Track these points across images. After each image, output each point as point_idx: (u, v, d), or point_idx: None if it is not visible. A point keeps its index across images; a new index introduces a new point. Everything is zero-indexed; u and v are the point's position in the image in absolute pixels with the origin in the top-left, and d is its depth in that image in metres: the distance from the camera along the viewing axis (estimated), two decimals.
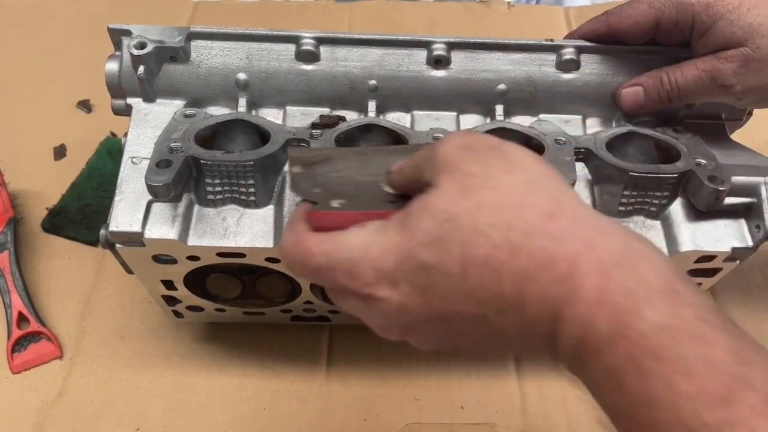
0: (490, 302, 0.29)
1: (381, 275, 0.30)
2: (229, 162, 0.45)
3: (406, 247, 0.30)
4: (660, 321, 0.26)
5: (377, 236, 0.31)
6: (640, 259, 0.28)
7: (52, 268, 0.69)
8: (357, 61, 0.51)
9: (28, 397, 0.60)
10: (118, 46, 0.51)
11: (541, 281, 0.28)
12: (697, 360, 0.25)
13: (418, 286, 0.30)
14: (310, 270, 0.33)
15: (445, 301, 0.30)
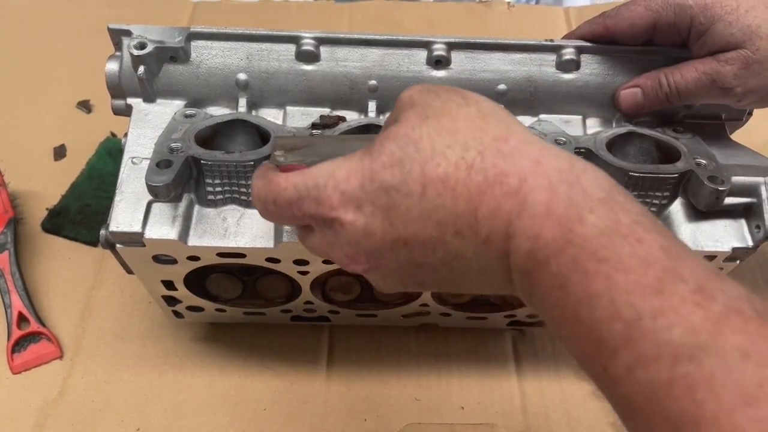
0: (447, 222, 0.31)
1: (346, 198, 0.32)
2: (229, 162, 0.45)
3: (369, 169, 0.32)
4: (600, 225, 0.28)
5: (342, 164, 0.33)
6: (582, 174, 0.30)
7: (52, 268, 0.69)
8: (357, 62, 0.51)
9: (28, 397, 0.60)
10: (118, 47, 0.51)
11: (493, 195, 0.30)
12: (633, 257, 0.27)
13: (381, 207, 0.32)
14: (281, 206, 0.35)
15: (406, 222, 0.32)
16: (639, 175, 0.46)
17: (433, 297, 0.56)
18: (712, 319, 0.25)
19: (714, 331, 0.24)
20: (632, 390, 0.26)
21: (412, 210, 0.31)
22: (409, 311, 0.60)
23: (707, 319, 0.25)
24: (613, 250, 0.27)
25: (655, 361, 0.25)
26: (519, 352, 0.64)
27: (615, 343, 0.26)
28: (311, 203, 0.33)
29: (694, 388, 0.24)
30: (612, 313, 0.26)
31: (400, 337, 0.65)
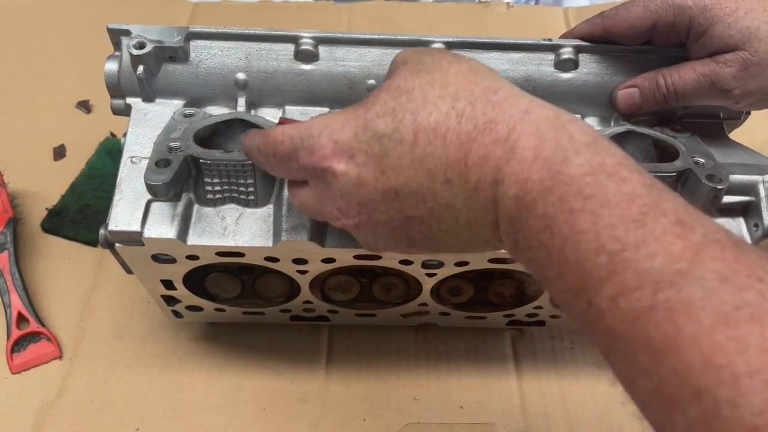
0: (437, 170, 0.32)
1: (339, 147, 0.33)
2: (228, 161, 0.45)
3: (363, 118, 0.33)
4: (586, 166, 0.29)
5: (337, 116, 0.34)
6: (568, 123, 0.31)
7: (51, 268, 0.69)
8: (356, 61, 0.51)
9: (27, 397, 0.61)
10: (118, 46, 0.51)
11: (483, 142, 0.31)
12: (617, 194, 0.28)
13: (373, 156, 0.33)
14: (280, 158, 0.36)
15: (397, 171, 0.32)
16: None
17: (432, 296, 0.56)
18: (691, 248, 0.26)
19: (693, 259, 0.25)
20: (616, 319, 0.26)
21: (404, 158, 0.32)
22: (408, 311, 0.60)
23: (687, 248, 0.26)
24: (598, 188, 0.28)
25: (637, 289, 0.26)
26: (518, 352, 0.64)
27: (599, 276, 0.27)
28: (305, 154, 0.34)
29: (675, 313, 0.24)
30: (597, 247, 0.27)
31: (399, 336, 0.65)
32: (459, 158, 0.31)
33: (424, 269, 0.51)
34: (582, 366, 0.64)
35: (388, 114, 0.32)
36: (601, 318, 0.27)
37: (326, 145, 0.33)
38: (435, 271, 0.51)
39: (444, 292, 0.57)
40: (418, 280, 0.53)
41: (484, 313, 0.60)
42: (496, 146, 0.31)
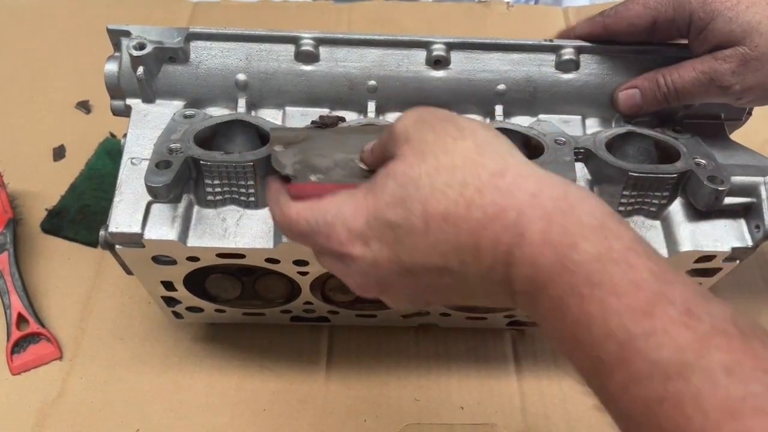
0: (450, 253, 0.32)
1: (353, 235, 0.34)
2: (228, 163, 0.45)
3: (373, 209, 0.34)
4: (593, 252, 0.29)
5: (348, 201, 0.35)
6: (577, 203, 0.31)
7: (51, 269, 0.69)
8: (356, 62, 0.51)
9: (27, 398, 0.60)
10: (118, 47, 0.51)
11: (494, 230, 0.31)
12: (624, 281, 0.28)
13: (387, 242, 0.33)
14: (296, 235, 0.38)
15: (411, 255, 0.33)
16: (638, 175, 0.46)
17: None
18: (698, 339, 0.26)
19: (700, 350, 0.26)
20: (629, 406, 0.28)
21: (417, 244, 0.33)
22: (408, 311, 0.60)
23: (694, 339, 0.26)
24: (606, 275, 0.29)
25: (647, 379, 0.27)
26: (518, 352, 0.64)
27: (610, 362, 0.28)
28: (322, 238, 0.35)
29: (683, 404, 0.25)
30: (606, 334, 0.28)
31: (399, 337, 0.65)
32: (471, 243, 0.32)
33: None
34: None
35: (398, 204, 0.33)
36: (616, 401, 0.28)
37: (341, 233, 0.34)
38: None
39: None
40: None
41: (484, 313, 0.60)
42: (505, 231, 0.31)
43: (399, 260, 0.34)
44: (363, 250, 0.34)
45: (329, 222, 0.35)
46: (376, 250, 0.34)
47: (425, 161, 0.33)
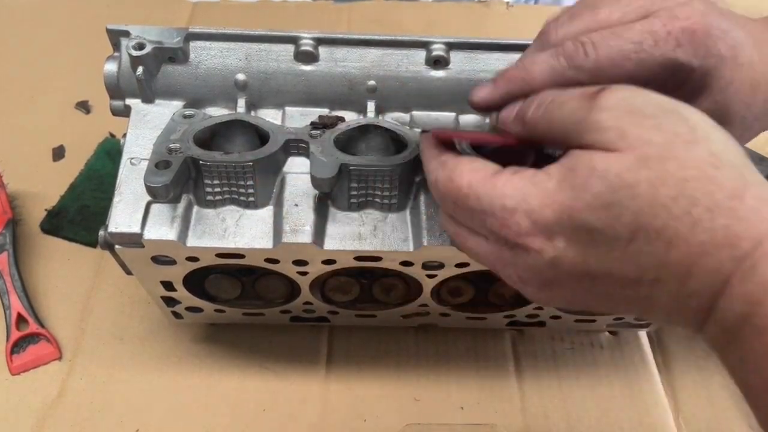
0: (651, 268, 0.29)
1: (538, 227, 0.30)
2: (228, 163, 0.45)
3: (570, 206, 0.29)
4: None
5: (535, 188, 0.30)
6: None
7: (51, 269, 0.69)
8: (356, 62, 0.51)
9: (27, 398, 0.60)
10: (117, 47, 0.51)
11: (719, 257, 0.27)
12: None
13: (577, 243, 0.30)
14: (461, 209, 0.33)
15: (602, 261, 0.29)
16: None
17: (433, 297, 0.56)
18: None
19: None
20: None
21: (614, 251, 0.29)
22: (408, 311, 0.59)
23: None
24: None
25: None
26: (518, 352, 0.64)
27: None
28: (495, 222, 0.31)
29: None
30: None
31: (399, 337, 0.65)
32: (682, 264, 0.28)
33: (424, 270, 0.50)
34: (582, 367, 0.64)
35: (603, 208, 0.28)
36: None
37: (522, 223, 0.30)
38: (436, 272, 0.51)
39: (444, 293, 0.57)
40: (418, 282, 0.53)
41: (484, 314, 0.60)
42: (732, 263, 0.27)
43: (585, 264, 0.30)
44: (544, 245, 0.30)
45: (509, 207, 0.30)
46: (561, 248, 0.30)
47: (649, 167, 0.28)
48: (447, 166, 0.34)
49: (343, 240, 0.47)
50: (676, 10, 0.34)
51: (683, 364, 0.66)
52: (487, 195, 0.31)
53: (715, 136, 0.29)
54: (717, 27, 0.33)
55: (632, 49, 0.33)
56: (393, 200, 0.47)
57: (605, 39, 0.34)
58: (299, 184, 0.47)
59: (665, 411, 0.62)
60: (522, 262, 0.31)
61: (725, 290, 0.28)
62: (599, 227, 0.29)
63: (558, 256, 0.30)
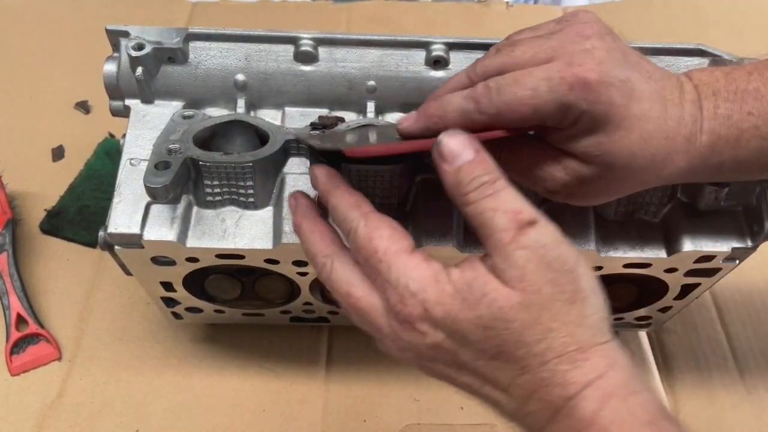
0: (503, 380, 0.34)
1: (428, 316, 0.34)
2: (227, 163, 0.45)
3: (456, 314, 0.33)
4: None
5: (436, 286, 0.34)
6: (634, 395, 0.33)
7: (50, 269, 0.69)
8: (356, 62, 0.51)
9: (27, 399, 0.60)
10: (116, 48, 0.51)
11: (553, 392, 0.33)
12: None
13: (454, 341, 0.34)
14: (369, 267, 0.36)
15: (470, 361, 0.35)
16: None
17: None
18: None
19: None
20: None
21: (480, 359, 0.34)
22: None
23: None
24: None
25: None
26: None
27: None
28: (395, 296, 0.35)
29: None
30: None
31: None
32: (526, 387, 0.34)
33: None
34: None
35: (480, 327, 0.33)
36: None
37: (417, 308, 0.34)
38: None
39: None
40: None
41: None
42: (561, 399, 0.33)
43: (456, 356, 0.35)
44: (429, 331, 0.34)
45: (411, 290, 0.34)
46: (440, 339, 0.34)
47: (527, 311, 0.33)
48: (369, 224, 0.37)
49: None
50: (575, 57, 0.36)
51: (683, 364, 0.66)
52: (397, 270, 0.35)
53: (591, 301, 0.34)
54: (613, 76, 0.36)
55: (529, 95, 0.36)
56: (392, 200, 0.47)
57: (508, 85, 0.37)
58: (299, 184, 0.47)
59: None
60: (406, 336, 0.35)
61: (553, 419, 0.33)
62: (473, 340, 0.34)
63: (437, 343, 0.34)
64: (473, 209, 0.34)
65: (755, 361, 0.66)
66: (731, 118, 0.38)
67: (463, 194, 0.34)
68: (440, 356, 0.35)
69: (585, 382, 0.33)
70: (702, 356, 0.66)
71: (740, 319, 0.69)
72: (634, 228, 0.50)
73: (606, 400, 0.32)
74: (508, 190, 0.34)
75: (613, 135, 0.37)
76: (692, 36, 0.87)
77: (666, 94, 0.38)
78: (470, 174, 0.34)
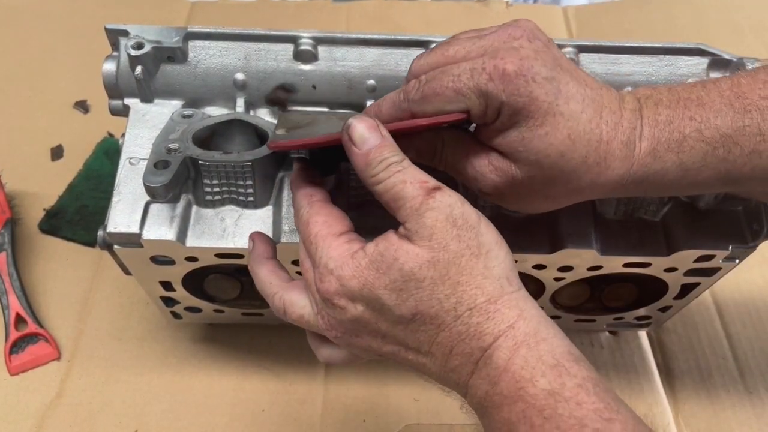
0: (425, 342, 0.36)
1: (345, 291, 0.36)
2: (227, 162, 0.45)
3: (371, 283, 0.35)
4: (548, 388, 0.33)
5: (351, 261, 0.36)
6: (543, 341, 0.35)
7: (49, 269, 0.69)
8: (355, 61, 0.51)
9: (26, 399, 0.60)
10: (116, 47, 0.51)
11: (469, 344, 0.35)
12: (571, 418, 0.32)
13: (372, 310, 0.36)
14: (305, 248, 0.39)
15: (391, 326, 0.36)
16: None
17: None
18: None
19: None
20: None
21: (399, 325, 0.36)
22: None
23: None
24: (556, 410, 0.32)
25: None
26: None
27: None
28: (318, 275, 0.37)
29: None
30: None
31: None
32: (446, 345, 0.35)
33: None
34: None
35: (395, 291, 0.35)
36: None
37: (334, 284, 0.36)
38: None
39: None
40: None
41: None
42: (478, 350, 0.35)
43: (377, 325, 0.36)
44: (348, 305, 0.36)
45: (329, 268, 0.36)
46: (360, 310, 0.36)
47: (435, 268, 0.35)
48: (311, 210, 0.39)
49: None
50: (501, 53, 0.38)
51: (683, 364, 0.66)
52: (320, 250, 0.37)
53: (495, 253, 0.36)
54: (534, 72, 0.37)
55: (451, 81, 0.38)
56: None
57: (435, 75, 0.39)
58: None
59: (665, 411, 0.62)
60: (330, 312, 0.37)
61: (474, 371, 0.35)
62: (389, 305, 0.35)
63: (357, 316, 0.36)
64: (384, 186, 0.36)
65: (755, 361, 0.66)
66: (672, 123, 0.38)
67: (373, 174, 0.36)
68: (363, 328, 0.37)
69: (497, 332, 0.35)
70: (702, 356, 0.66)
71: (740, 319, 0.69)
72: (634, 227, 0.50)
73: (517, 348, 0.34)
74: (413, 167, 0.36)
75: (536, 130, 0.37)
76: (692, 36, 0.87)
77: (603, 101, 0.38)
78: (380, 155, 0.36)
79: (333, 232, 0.38)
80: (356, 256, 0.36)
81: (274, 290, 0.40)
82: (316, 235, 0.38)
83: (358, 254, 0.36)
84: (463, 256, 0.35)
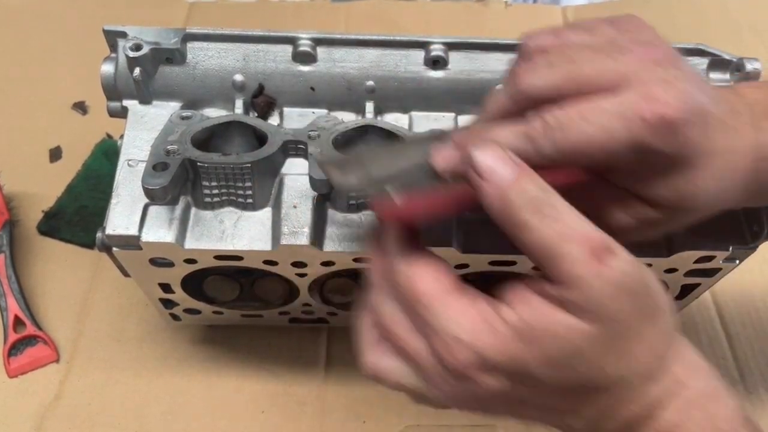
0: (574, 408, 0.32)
1: (485, 365, 0.30)
2: (226, 164, 0.44)
3: (519, 357, 0.29)
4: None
5: (489, 330, 0.30)
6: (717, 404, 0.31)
7: (48, 270, 0.68)
8: (354, 62, 0.51)
9: (24, 401, 0.60)
10: (114, 48, 0.50)
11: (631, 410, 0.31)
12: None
13: (518, 383, 0.30)
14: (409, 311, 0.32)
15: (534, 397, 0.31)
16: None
17: None
18: None
19: None
20: None
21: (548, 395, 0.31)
22: None
23: None
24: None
25: None
26: None
27: None
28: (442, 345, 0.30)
29: None
30: None
31: None
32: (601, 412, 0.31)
33: None
34: None
35: (554, 367, 0.29)
36: None
37: (470, 358, 0.30)
38: None
39: None
40: None
41: None
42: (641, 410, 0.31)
43: (518, 395, 0.31)
44: (489, 380, 0.30)
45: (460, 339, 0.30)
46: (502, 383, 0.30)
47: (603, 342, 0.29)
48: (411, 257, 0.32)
49: (343, 241, 0.47)
50: (654, 89, 0.30)
51: None
52: (440, 315, 0.30)
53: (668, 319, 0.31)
54: (695, 112, 0.30)
55: (602, 137, 0.30)
56: None
57: (574, 124, 0.30)
58: (298, 185, 0.47)
59: None
60: (457, 384, 0.31)
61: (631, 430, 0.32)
62: (542, 379, 0.30)
63: (498, 389, 0.30)
64: (532, 239, 0.29)
65: (755, 361, 0.66)
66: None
67: (515, 220, 0.29)
68: (499, 398, 0.31)
69: (664, 390, 0.31)
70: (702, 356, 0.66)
71: (740, 319, 0.69)
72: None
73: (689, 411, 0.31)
74: (569, 210, 0.29)
75: (688, 176, 0.32)
76: (692, 36, 0.87)
77: (727, 119, 0.33)
78: (520, 192, 0.29)
79: (445, 288, 0.31)
80: (494, 324, 0.30)
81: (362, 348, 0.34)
82: (425, 294, 0.31)
83: (496, 321, 0.30)
84: (639, 331, 0.30)
